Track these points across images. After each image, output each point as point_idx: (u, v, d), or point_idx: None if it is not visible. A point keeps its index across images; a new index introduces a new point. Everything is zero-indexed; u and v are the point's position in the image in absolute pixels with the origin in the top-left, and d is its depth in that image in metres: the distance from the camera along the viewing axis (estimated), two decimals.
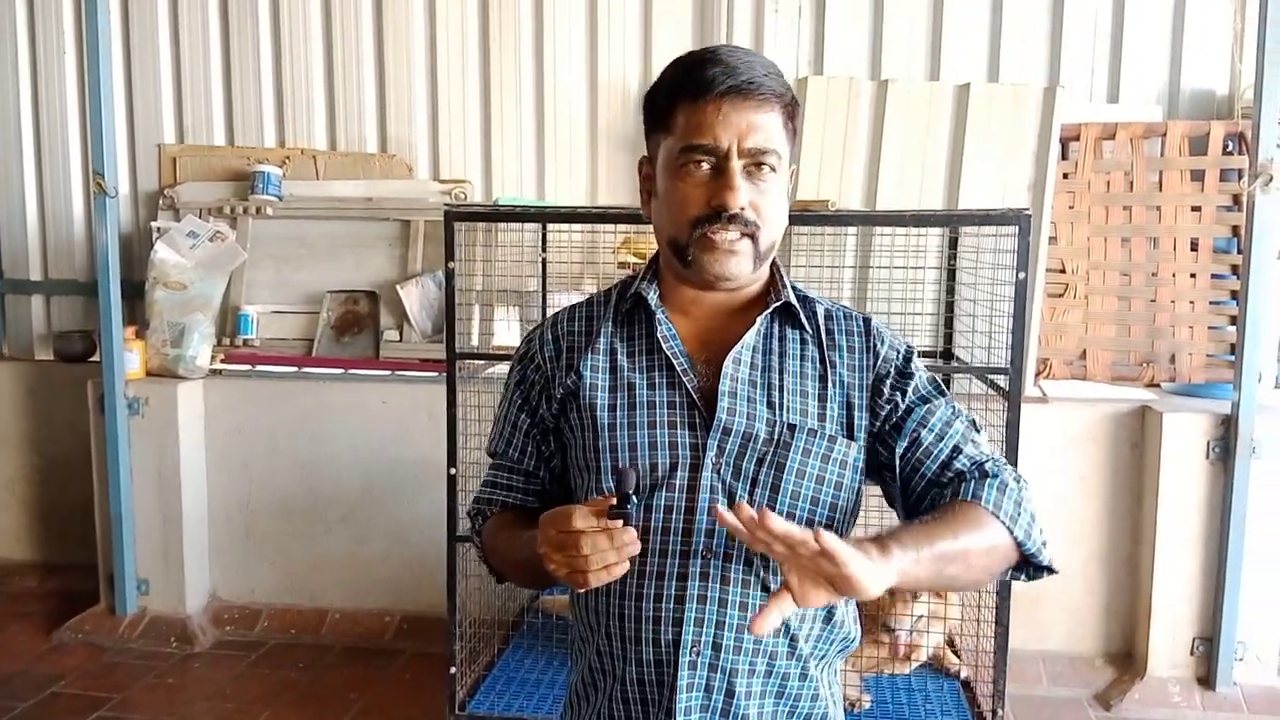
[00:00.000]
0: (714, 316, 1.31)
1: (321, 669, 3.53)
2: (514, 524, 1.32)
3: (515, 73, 4.07)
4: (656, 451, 1.24)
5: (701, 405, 1.24)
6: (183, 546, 3.74)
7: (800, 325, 1.31)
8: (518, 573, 1.33)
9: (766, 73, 1.21)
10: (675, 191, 1.23)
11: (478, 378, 2.98)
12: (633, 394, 1.27)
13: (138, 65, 4.28)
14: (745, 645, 1.21)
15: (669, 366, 1.27)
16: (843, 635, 1.30)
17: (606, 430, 1.26)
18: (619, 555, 1.08)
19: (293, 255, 4.08)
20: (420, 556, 3.72)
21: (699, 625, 1.20)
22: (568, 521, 1.08)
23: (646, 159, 1.32)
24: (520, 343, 1.41)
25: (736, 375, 1.25)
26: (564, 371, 1.32)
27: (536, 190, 4.11)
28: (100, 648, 3.66)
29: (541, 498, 1.37)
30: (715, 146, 1.19)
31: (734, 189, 1.19)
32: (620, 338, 1.32)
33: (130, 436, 3.68)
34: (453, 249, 2.59)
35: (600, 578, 1.08)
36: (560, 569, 1.10)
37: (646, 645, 1.21)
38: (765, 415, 1.24)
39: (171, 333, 3.79)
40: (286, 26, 4.18)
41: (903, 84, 3.69)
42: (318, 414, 3.77)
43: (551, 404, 1.32)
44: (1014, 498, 1.20)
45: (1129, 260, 3.57)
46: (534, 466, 1.37)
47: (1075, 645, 3.48)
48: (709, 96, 1.19)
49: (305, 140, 4.21)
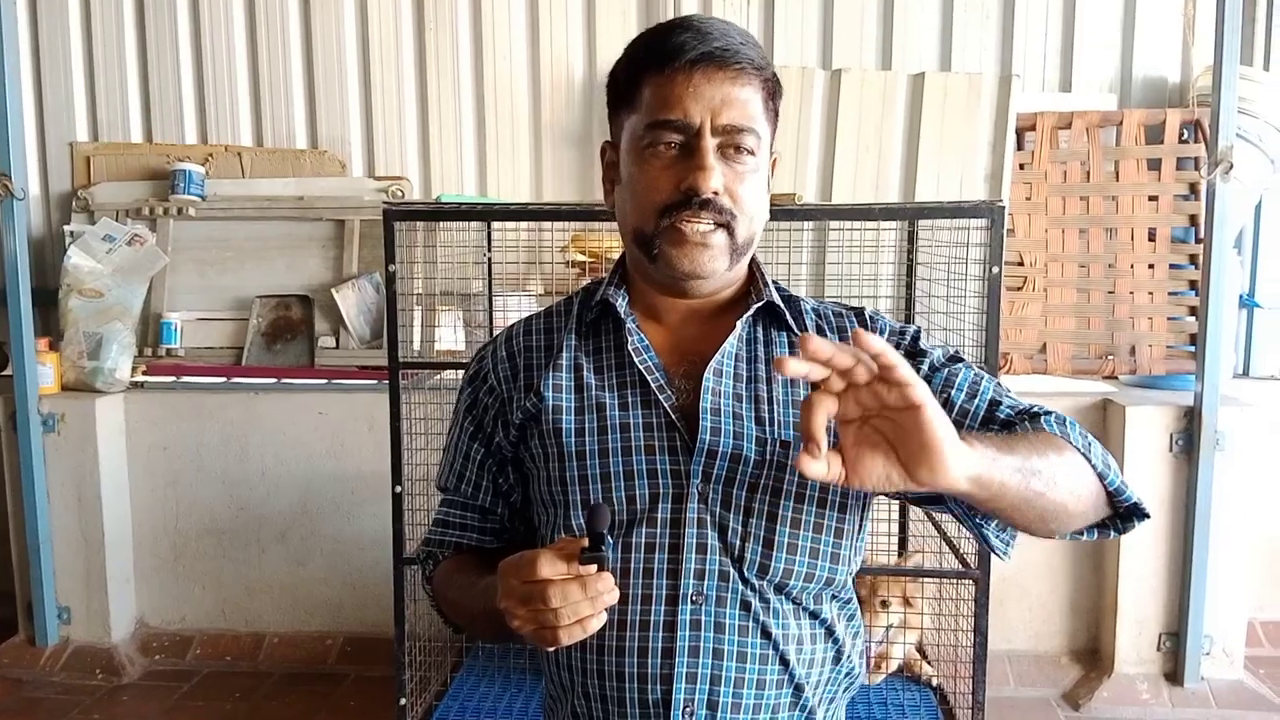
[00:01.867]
0: (690, 323, 1.16)
1: (260, 698, 3.34)
2: (470, 568, 1.15)
3: (453, 64, 3.89)
4: (634, 482, 1.08)
5: (682, 426, 1.09)
6: (106, 571, 3.53)
7: (787, 327, 1.16)
8: (476, 625, 1.15)
9: (744, 41, 1.06)
10: (640, 176, 1.08)
11: (422, 386, 2.81)
12: (603, 416, 1.11)
13: (47, 57, 4.01)
14: (745, 702, 1.06)
15: (642, 383, 1.11)
16: (848, 671, 1.16)
17: (574, 459, 1.10)
18: (594, 607, 0.91)
19: (218, 259, 3.86)
20: (362, 576, 3.56)
21: (691, 682, 1.04)
22: (532, 569, 0.91)
23: (610, 143, 1.16)
24: (470, 361, 1.24)
25: (719, 389, 1.10)
26: (522, 393, 1.15)
27: (478, 187, 3.94)
28: (20, 681, 3.44)
29: (500, 536, 1.21)
30: (685, 123, 1.04)
31: (706, 169, 1.04)
32: (585, 351, 1.16)
33: (46, 455, 3.48)
34: (393, 250, 2.42)
35: (573, 634, 0.91)
36: (525, 625, 0.93)
37: (631, 707, 1.05)
38: (754, 433, 1.09)
39: (88, 344, 3.58)
40: (207, 16, 3.94)
41: (856, 73, 3.60)
42: (249, 427, 3.58)
43: (509, 430, 1.16)
44: (1081, 432, 1.07)
45: (1087, 252, 3.53)
46: (490, 502, 1.20)
47: (1041, 644, 3.44)
48: (677, 64, 1.04)
49: (229, 137, 3.98)
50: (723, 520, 1.07)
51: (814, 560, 1.08)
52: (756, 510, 1.07)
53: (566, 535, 1.06)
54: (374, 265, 3.73)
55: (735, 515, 1.07)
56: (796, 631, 1.09)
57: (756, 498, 1.07)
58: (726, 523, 1.07)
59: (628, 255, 1.18)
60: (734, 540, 1.07)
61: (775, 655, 1.07)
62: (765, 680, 1.07)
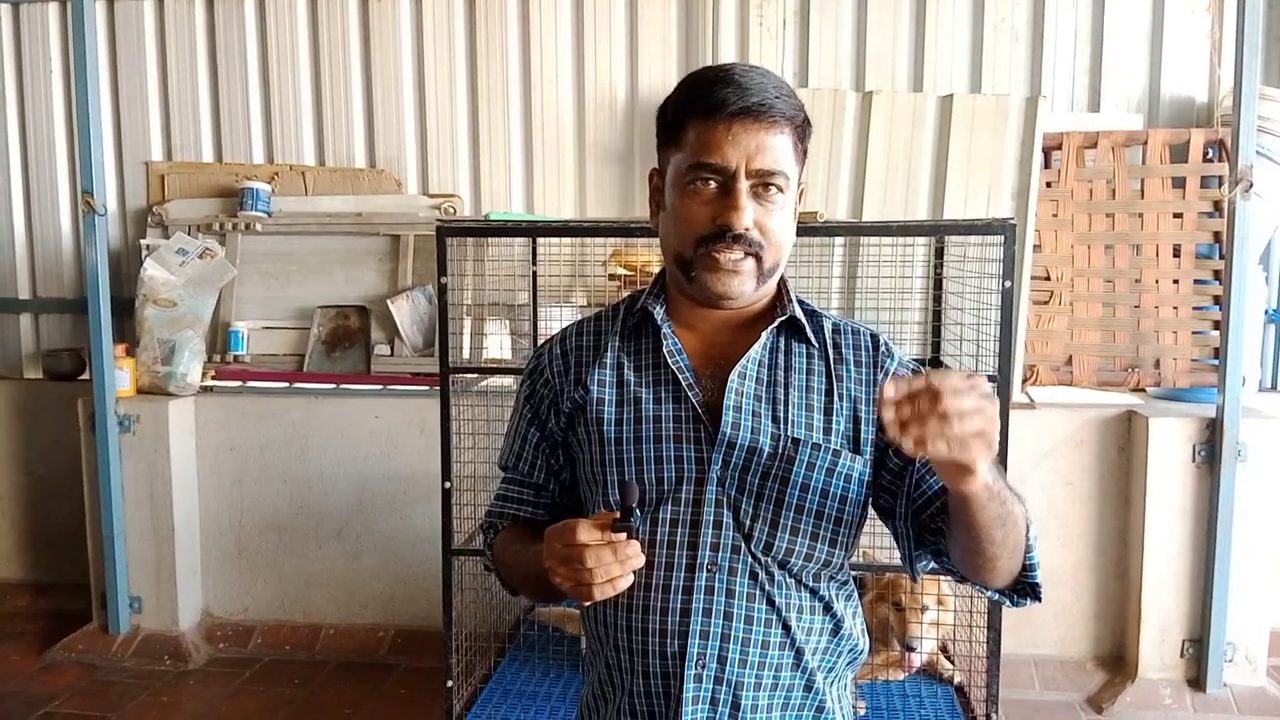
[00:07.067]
0: (720, 331, 1.31)
1: (316, 685, 3.52)
2: (523, 537, 1.33)
3: (503, 87, 4.09)
4: (662, 465, 1.24)
5: (707, 419, 1.24)
6: (175, 564, 3.73)
7: (806, 339, 1.31)
8: (527, 586, 1.34)
9: (779, 94, 1.21)
10: (682, 208, 1.24)
11: (470, 391, 2.99)
12: (639, 408, 1.27)
13: (125, 83, 4.29)
14: (751, 658, 1.21)
15: (674, 381, 1.27)
16: (850, 647, 1.30)
17: (613, 444, 1.26)
18: (623, 568, 1.09)
19: (282, 271, 4.09)
20: (413, 571, 3.73)
21: (704, 638, 1.20)
22: (572, 535, 1.09)
23: (657, 171, 1.32)
24: (531, 357, 1.42)
25: (742, 389, 1.25)
26: (572, 385, 1.32)
27: (525, 204, 4.12)
28: (93, 667, 3.65)
29: (551, 510, 1.38)
30: (723, 166, 1.19)
31: (739, 209, 1.19)
32: (627, 352, 1.33)
33: (121, 454, 3.67)
34: (445, 263, 2.59)
35: (605, 591, 1.09)
36: (565, 582, 1.11)
37: (653, 658, 1.22)
38: (770, 429, 1.24)
39: (162, 350, 3.78)
40: (274, 43, 4.19)
41: (887, 95, 3.73)
42: (309, 429, 3.77)
43: (560, 418, 1.33)
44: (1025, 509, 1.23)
45: (1112, 267, 3.61)
46: (543, 480, 1.38)
47: (1066, 649, 3.50)
48: (719, 117, 1.19)
49: (294, 156, 4.22)
50: (736, 502, 1.23)
51: (813, 543, 1.24)
52: (766, 496, 1.23)
53: (605, 509, 1.24)
54: (427, 278, 3.93)
55: (747, 499, 1.23)
56: (798, 602, 1.25)
57: (767, 485, 1.23)
58: (740, 504, 1.23)
59: (668, 271, 1.34)
60: (745, 520, 1.23)
61: (778, 621, 1.23)
62: (769, 642, 1.23)
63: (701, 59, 3.91)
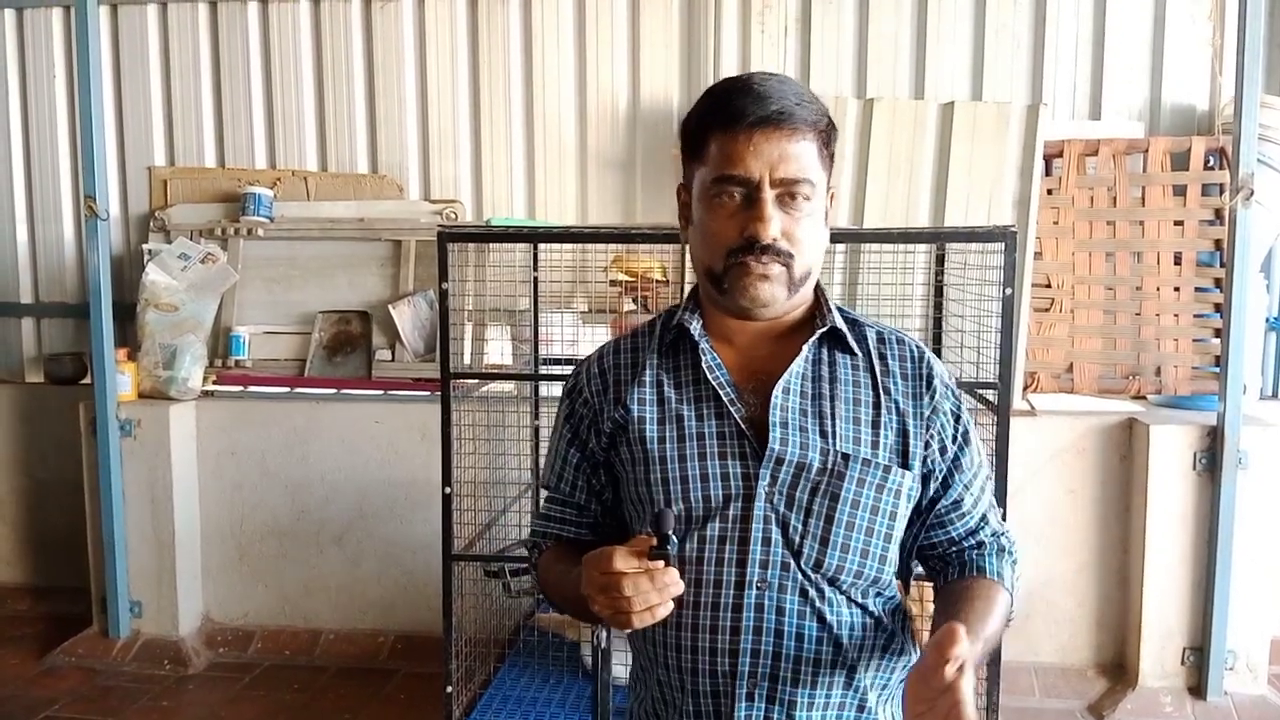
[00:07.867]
0: (758, 344, 1.29)
1: (316, 690, 3.52)
2: (566, 558, 1.31)
3: (505, 94, 4.10)
4: (708, 483, 1.22)
5: (751, 435, 1.23)
6: (175, 568, 3.73)
7: (849, 350, 1.28)
8: (570, 607, 1.31)
9: (799, 101, 1.19)
10: (709, 222, 1.22)
11: (471, 396, 2.99)
12: (682, 425, 1.25)
13: (128, 88, 4.30)
14: (803, 677, 1.20)
15: (715, 397, 1.25)
16: (904, 664, 1.28)
17: (658, 462, 1.24)
18: (661, 596, 1.06)
19: (284, 276, 4.09)
20: (413, 577, 3.73)
21: (754, 657, 1.19)
22: (609, 563, 1.07)
23: (684, 186, 1.31)
24: (569, 376, 1.40)
25: (787, 404, 1.23)
26: (611, 405, 1.30)
27: (527, 210, 4.13)
28: (93, 671, 3.64)
29: (594, 530, 1.36)
30: (746, 177, 1.18)
31: (765, 220, 1.18)
32: (666, 369, 1.30)
33: (122, 458, 3.67)
34: (446, 269, 2.60)
35: (644, 619, 1.07)
36: (604, 610, 1.09)
37: (703, 677, 1.21)
38: (819, 444, 1.22)
39: (163, 354, 3.78)
40: (277, 48, 4.21)
41: (888, 102, 3.74)
42: (310, 434, 3.77)
43: (601, 438, 1.31)
44: (1015, 568, 1.30)
45: (1113, 274, 3.62)
46: (585, 500, 1.36)
47: (1067, 657, 3.50)
48: (740, 127, 1.17)
49: (296, 162, 4.23)
50: (785, 518, 1.21)
51: (863, 560, 1.22)
52: (815, 511, 1.21)
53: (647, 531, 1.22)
54: (428, 283, 3.93)
55: (797, 515, 1.21)
56: (849, 619, 1.23)
57: (816, 500, 1.21)
58: (788, 520, 1.21)
59: (700, 287, 1.32)
60: (794, 536, 1.21)
61: (829, 639, 1.21)
62: (820, 660, 1.21)
63: (703, 66, 3.92)
